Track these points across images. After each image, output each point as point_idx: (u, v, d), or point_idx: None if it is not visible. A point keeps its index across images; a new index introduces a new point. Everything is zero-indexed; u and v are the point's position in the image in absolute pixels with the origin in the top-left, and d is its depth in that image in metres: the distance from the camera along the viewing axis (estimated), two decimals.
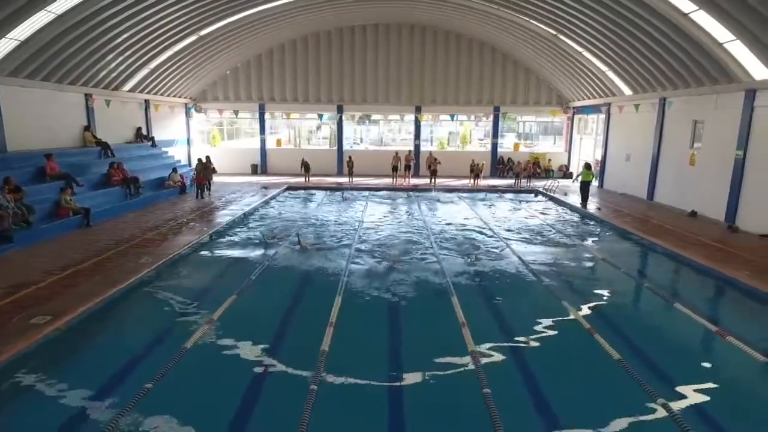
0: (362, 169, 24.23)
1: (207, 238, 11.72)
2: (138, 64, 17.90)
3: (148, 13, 14.67)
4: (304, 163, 21.96)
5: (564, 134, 26.69)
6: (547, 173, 25.40)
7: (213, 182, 18.83)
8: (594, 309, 8.00)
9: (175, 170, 18.65)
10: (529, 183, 22.23)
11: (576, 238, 12.80)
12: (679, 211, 15.67)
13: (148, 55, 17.80)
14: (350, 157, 23.25)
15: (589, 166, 17.37)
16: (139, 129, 20.50)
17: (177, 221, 13.39)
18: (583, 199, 17.08)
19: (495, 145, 26.18)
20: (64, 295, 7.54)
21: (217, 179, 22.20)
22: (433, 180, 21.78)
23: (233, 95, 25.54)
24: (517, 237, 12.82)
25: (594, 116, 23.25)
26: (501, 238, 12.44)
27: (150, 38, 16.52)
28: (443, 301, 7.99)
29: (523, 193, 20.47)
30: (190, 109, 23.94)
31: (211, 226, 12.94)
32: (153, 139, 20.95)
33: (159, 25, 15.97)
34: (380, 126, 29.62)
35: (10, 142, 13.64)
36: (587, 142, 24.61)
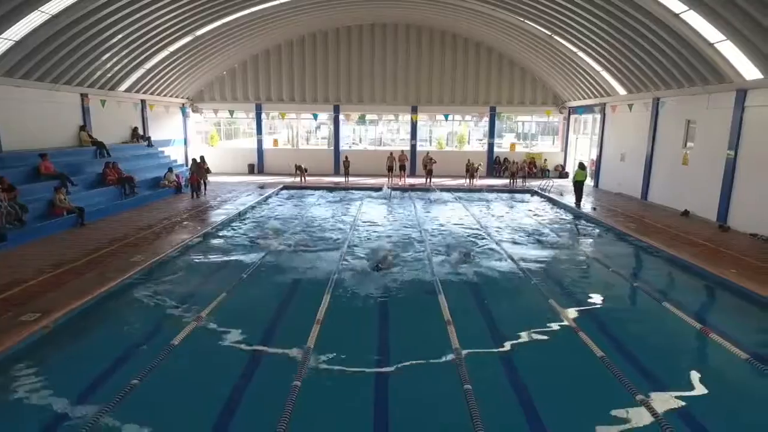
0: (360, 169, 24.32)
1: (200, 237, 11.80)
2: (133, 64, 17.96)
3: (143, 13, 14.73)
4: (298, 167, 21.79)
5: (560, 134, 26.75)
6: (543, 173, 25.46)
7: (209, 182, 18.89)
8: (580, 307, 8.07)
9: (170, 170, 18.71)
10: (524, 183, 22.27)
11: (567, 237, 12.87)
12: (672, 210, 15.74)
13: (144, 56, 17.86)
14: (347, 157, 23.32)
15: (582, 166, 17.44)
16: (135, 129, 20.56)
17: (171, 220, 13.46)
18: (577, 199, 17.14)
19: (491, 145, 26.24)
20: (55, 293, 7.60)
21: (214, 179, 22.33)
22: (428, 180, 21.86)
23: (230, 95, 25.61)
24: (508, 235, 12.90)
25: (589, 116, 23.30)
26: (491, 237, 12.52)
27: (145, 38, 16.59)
28: (430, 300, 8.05)
29: (518, 193, 20.54)
30: (185, 110, 23.92)
31: (204, 225, 13.01)
32: (149, 139, 21.02)
33: (154, 25, 16.03)
34: (379, 126, 29.67)
35: (6, 142, 13.73)
36: (583, 142, 24.67)
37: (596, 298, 8.62)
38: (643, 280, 9.68)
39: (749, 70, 12.14)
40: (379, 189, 20.36)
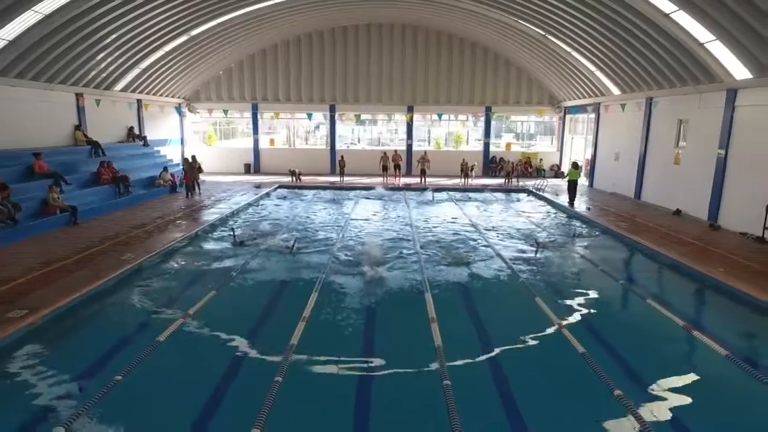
0: (357, 169, 24.39)
1: (192, 236, 11.84)
2: (129, 64, 18.02)
3: (137, 13, 14.77)
4: (293, 172, 21.65)
5: (556, 134, 26.81)
6: (539, 172, 25.51)
7: (203, 181, 18.93)
8: (565, 304, 8.11)
9: (165, 169, 18.78)
10: (518, 182, 22.29)
11: (559, 236, 12.91)
12: (665, 209, 15.79)
13: (139, 55, 17.91)
14: (342, 157, 23.39)
15: (576, 165, 17.48)
16: (131, 128, 20.62)
17: (164, 219, 13.52)
18: (571, 198, 17.19)
19: (487, 145, 26.30)
20: (43, 291, 7.66)
21: (209, 178, 22.44)
22: (423, 179, 21.93)
23: (226, 95, 25.67)
24: (498, 234, 12.97)
25: (585, 116, 23.35)
26: (482, 235, 12.58)
27: (140, 38, 16.63)
28: (417, 298, 8.12)
29: (512, 192, 20.60)
30: (180, 110, 23.96)
31: (196, 224, 13.07)
32: (145, 138, 21.07)
33: (148, 25, 16.08)
34: (378, 126, 29.72)
35: (0, 141, 13.77)
36: (578, 142, 24.74)
37: (582, 296, 8.64)
38: (630, 278, 9.75)
39: (739, 70, 12.20)
40: (373, 188, 20.43)
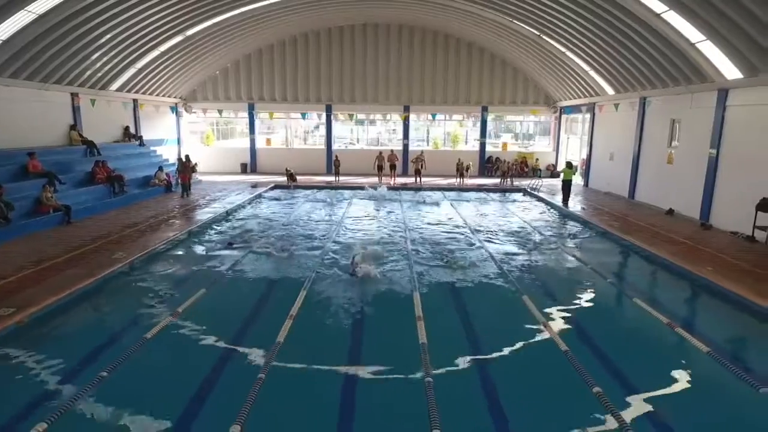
0: (355, 169, 24.45)
1: (184, 235, 11.89)
2: (124, 63, 18.05)
3: (132, 13, 14.80)
4: (289, 173, 21.55)
5: (552, 134, 26.85)
6: (535, 172, 25.56)
7: (199, 181, 18.95)
8: (553, 303, 8.18)
9: (161, 169, 18.82)
10: (512, 183, 22.29)
11: (551, 235, 12.95)
12: (658, 209, 15.84)
13: (134, 55, 17.95)
14: (336, 157, 23.45)
15: (570, 165, 17.54)
16: (127, 128, 20.66)
17: (157, 218, 13.56)
18: (565, 198, 17.25)
19: (483, 145, 26.34)
20: (33, 289, 7.70)
21: (206, 178, 22.51)
22: (417, 179, 21.98)
23: (223, 95, 25.72)
24: (490, 233, 13.03)
25: (581, 116, 23.39)
26: (474, 233, 12.65)
27: (135, 38, 16.67)
28: (404, 296, 8.17)
29: (507, 192, 20.64)
30: (174, 109, 23.96)
31: (189, 223, 13.12)
32: (141, 138, 21.11)
33: (143, 25, 16.10)
34: (377, 126, 29.73)
35: None
36: (574, 142, 24.79)
37: (569, 295, 8.69)
38: (618, 277, 9.80)
39: (730, 70, 12.24)
40: (368, 187, 20.49)
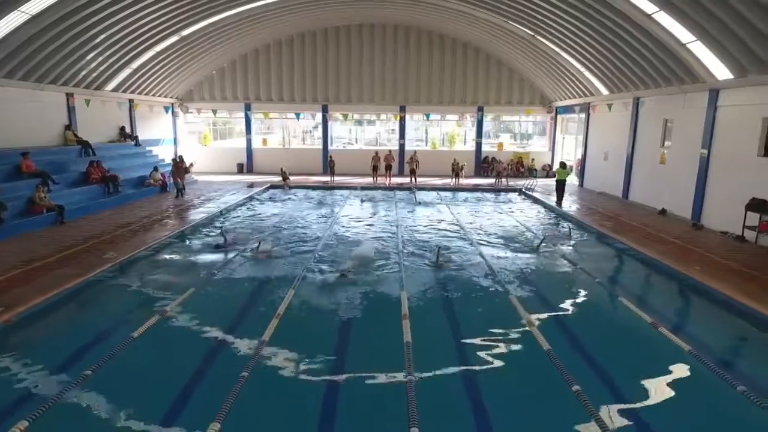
0: (350, 169, 24.51)
1: (176, 235, 11.93)
2: (119, 63, 18.09)
3: (126, 13, 14.82)
4: (283, 173, 21.48)
5: (548, 134, 26.90)
6: (531, 172, 25.62)
7: (195, 181, 18.96)
8: (538, 302, 8.23)
9: (156, 169, 18.87)
10: (508, 182, 22.31)
11: (542, 235, 12.95)
12: (651, 209, 15.89)
13: (130, 55, 17.98)
14: (331, 157, 23.51)
15: (564, 165, 17.59)
16: (122, 128, 20.71)
17: (151, 218, 13.61)
18: (559, 198, 17.30)
19: (479, 145, 26.40)
20: (22, 288, 7.75)
21: (202, 178, 22.57)
22: (412, 179, 22.04)
23: (219, 95, 25.77)
24: (481, 232, 13.12)
25: (575, 116, 23.44)
26: (465, 233, 12.73)
27: (130, 38, 16.70)
28: (392, 294, 8.22)
29: (503, 192, 20.68)
30: (169, 110, 23.94)
31: (182, 223, 13.17)
32: (137, 138, 21.16)
33: (138, 25, 16.14)
34: (376, 126, 29.75)
35: None
36: (569, 142, 24.84)
37: (556, 294, 8.71)
38: (607, 276, 9.81)
39: (720, 71, 12.29)
40: (363, 188, 20.55)
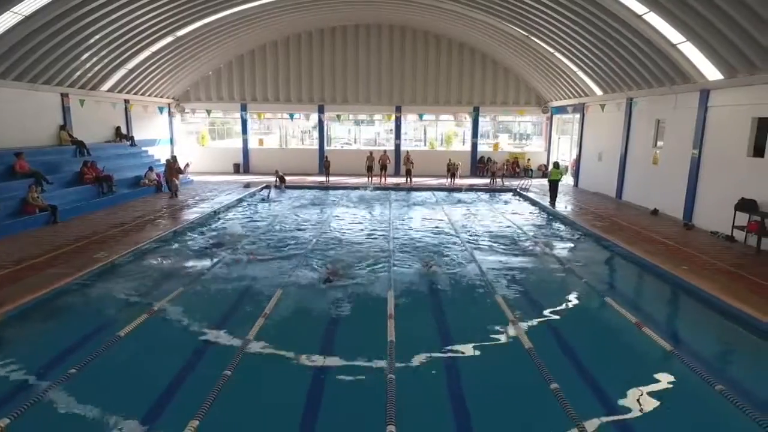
0: (347, 169, 24.56)
1: (168, 235, 11.97)
2: (114, 64, 18.13)
3: (120, 14, 14.87)
4: (278, 175, 21.46)
5: (543, 134, 26.95)
6: (526, 172, 25.67)
7: (186, 181, 18.94)
8: (524, 301, 8.28)
9: (151, 169, 18.92)
10: (503, 182, 22.34)
11: (533, 235, 13.03)
12: (643, 209, 15.93)
13: (125, 56, 18.03)
14: (327, 158, 23.56)
15: (557, 165, 17.63)
16: (118, 128, 20.75)
17: (144, 218, 13.65)
18: (552, 198, 17.33)
19: (475, 145, 26.45)
20: (10, 288, 7.79)
21: (199, 178, 22.62)
22: (408, 179, 22.09)
23: (215, 95, 25.83)
24: (473, 232, 13.17)
25: (571, 116, 23.49)
26: (456, 232, 12.80)
27: (124, 39, 16.75)
28: (378, 293, 8.27)
29: (497, 192, 20.72)
30: (162, 110, 23.94)
31: (175, 223, 13.21)
32: (132, 138, 21.21)
33: (133, 25, 16.18)
34: (375, 126, 29.77)
35: None
36: (565, 142, 24.89)
37: (543, 294, 8.79)
38: (594, 276, 9.78)
39: (711, 71, 12.34)
40: (358, 188, 20.62)
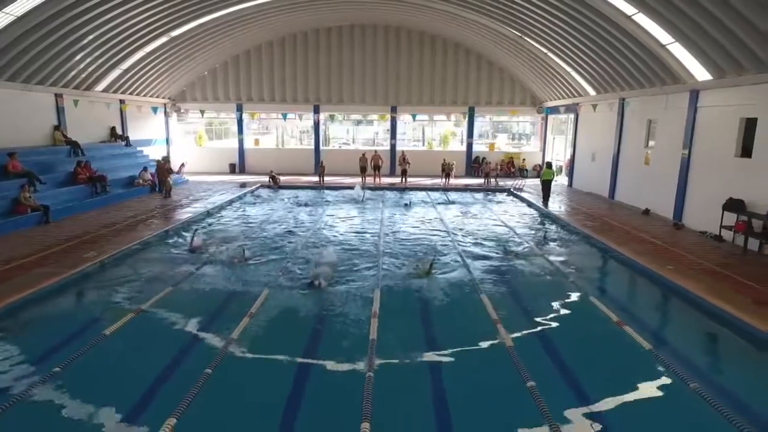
0: (343, 169, 24.65)
1: (159, 235, 12.02)
2: (109, 64, 18.19)
3: (113, 14, 14.91)
4: (271, 175, 21.55)
5: (539, 134, 27.02)
6: (521, 172, 25.73)
7: (182, 181, 18.99)
8: (510, 302, 8.34)
9: (145, 169, 18.97)
10: (496, 182, 22.39)
11: (523, 234, 13.08)
12: (635, 209, 15.99)
13: (119, 56, 18.08)
14: (322, 162, 23.45)
15: (549, 165, 17.71)
16: (113, 128, 20.81)
17: (136, 218, 13.72)
18: (545, 198, 17.40)
19: (470, 145, 26.52)
20: None
21: (194, 178, 22.69)
22: (403, 179, 22.15)
23: (211, 95, 25.88)
24: (463, 231, 13.27)
25: (565, 116, 23.55)
26: (448, 231, 12.86)
27: (118, 39, 16.79)
28: (365, 292, 8.34)
29: (492, 192, 20.77)
30: (156, 110, 23.96)
31: (167, 222, 13.28)
32: (128, 138, 21.26)
33: (127, 26, 16.24)
34: (374, 126, 29.81)
35: None
36: (560, 142, 24.95)
37: (529, 293, 8.82)
38: (581, 275, 9.82)
39: (699, 72, 12.41)
40: (351, 188, 20.66)
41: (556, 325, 7.48)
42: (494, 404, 5.37)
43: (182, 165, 23.20)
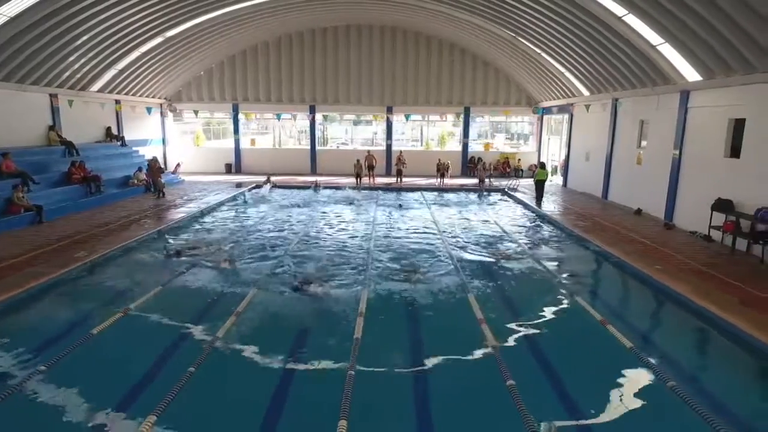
0: (340, 170, 24.69)
1: (151, 234, 12.06)
2: (104, 64, 18.22)
3: (108, 14, 14.93)
4: (269, 179, 21.51)
5: (535, 134, 27.08)
6: (517, 172, 25.79)
7: (177, 181, 19.03)
8: (496, 301, 8.38)
9: (140, 169, 19.01)
10: (490, 182, 22.40)
11: (514, 233, 13.14)
12: (628, 209, 16.04)
13: (114, 56, 18.12)
14: (317, 182, 23.46)
15: (543, 166, 17.77)
16: (108, 128, 20.85)
17: (129, 218, 13.76)
18: (538, 198, 17.46)
19: (465, 145, 26.57)
20: None
21: (190, 178, 22.72)
22: (398, 179, 22.20)
23: (207, 95, 25.93)
24: (455, 231, 13.34)
25: (560, 117, 23.61)
26: (439, 229, 12.95)
27: (113, 39, 16.83)
28: (352, 290, 8.39)
29: (485, 192, 20.79)
30: (150, 110, 23.97)
31: (160, 222, 13.32)
32: (123, 138, 21.30)
33: (121, 26, 16.27)
34: (373, 126, 29.85)
35: None
36: (555, 143, 25.00)
37: (516, 293, 8.86)
38: (570, 275, 9.83)
39: (689, 72, 12.47)
40: (344, 188, 20.77)
41: (540, 324, 7.51)
42: (475, 403, 5.43)
43: (178, 165, 23.25)
